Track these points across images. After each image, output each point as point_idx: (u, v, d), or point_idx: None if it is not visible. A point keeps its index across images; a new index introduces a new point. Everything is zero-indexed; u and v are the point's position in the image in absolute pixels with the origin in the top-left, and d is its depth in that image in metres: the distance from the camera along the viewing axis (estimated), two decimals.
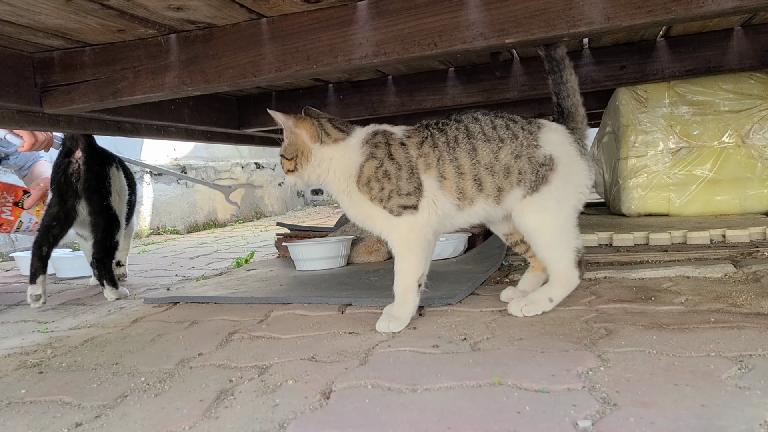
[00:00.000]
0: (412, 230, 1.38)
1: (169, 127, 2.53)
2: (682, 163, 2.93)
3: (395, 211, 1.38)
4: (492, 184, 1.39)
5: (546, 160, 1.38)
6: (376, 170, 1.39)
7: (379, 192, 1.38)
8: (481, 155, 1.39)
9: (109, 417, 0.98)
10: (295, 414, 0.93)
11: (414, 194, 1.38)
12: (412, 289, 1.40)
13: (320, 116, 1.48)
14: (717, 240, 2.13)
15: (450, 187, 1.39)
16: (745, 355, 1.03)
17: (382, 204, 1.38)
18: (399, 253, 1.41)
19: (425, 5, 1.45)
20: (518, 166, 1.39)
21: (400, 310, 1.40)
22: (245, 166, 6.54)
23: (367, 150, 1.41)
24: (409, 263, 1.40)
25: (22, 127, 1.84)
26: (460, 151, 1.39)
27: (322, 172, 1.45)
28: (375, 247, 2.36)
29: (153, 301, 1.95)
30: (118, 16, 1.46)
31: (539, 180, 1.38)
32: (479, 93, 2.62)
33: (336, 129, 1.45)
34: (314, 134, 1.43)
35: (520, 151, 1.39)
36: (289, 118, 1.44)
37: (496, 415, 0.87)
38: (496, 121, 1.43)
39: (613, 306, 1.42)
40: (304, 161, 1.44)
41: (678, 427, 0.79)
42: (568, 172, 1.40)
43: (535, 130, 1.41)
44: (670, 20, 1.34)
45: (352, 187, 1.42)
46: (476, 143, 1.40)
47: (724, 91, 2.87)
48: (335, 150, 1.43)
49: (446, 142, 1.40)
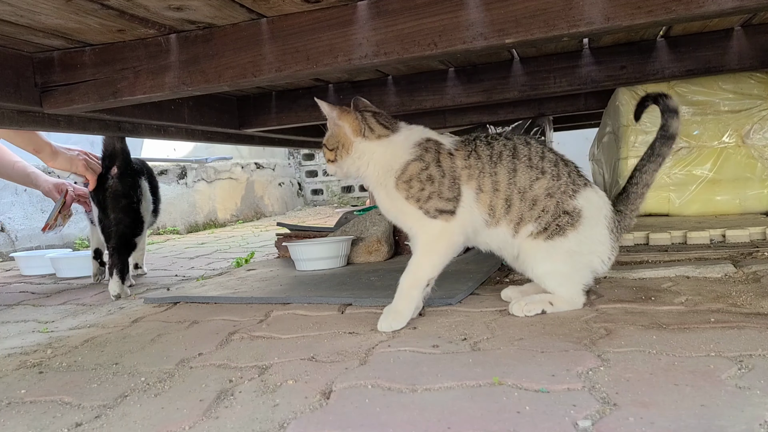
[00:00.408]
0: (443, 234, 1.39)
1: (169, 127, 2.53)
2: (682, 163, 2.93)
3: (431, 213, 1.39)
4: (517, 209, 1.40)
5: (573, 211, 1.39)
6: (420, 172, 1.39)
7: (418, 192, 1.39)
8: (519, 177, 1.40)
9: (109, 417, 0.98)
10: (295, 414, 0.93)
11: (453, 201, 1.39)
12: (419, 286, 1.41)
13: (367, 109, 1.48)
14: (717, 240, 2.13)
15: (484, 201, 1.40)
16: (745, 355, 1.03)
17: (418, 204, 1.39)
18: (422, 250, 1.42)
19: (425, 5, 1.45)
20: (545, 203, 1.40)
21: (402, 304, 1.40)
22: (245, 166, 6.54)
23: (416, 151, 1.42)
24: (429, 261, 1.41)
25: (22, 127, 1.84)
26: (500, 167, 1.41)
27: (361, 164, 1.45)
28: (375, 247, 2.36)
29: (153, 301, 1.95)
30: (118, 16, 1.46)
31: (556, 228, 1.39)
32: (479, 93, 2.62)
33: (380, 125, 1.45)
34: (357, 128, 1.44)
35: (554, 191, 1.40)
36: (334, 109, 1.44)
37: (496, 415, 0.87)
38: (547, 153, 1.44)
39: (613, 306, 1.42)
40: (344, 153, 1.44)
41: (678, 427, 0.79)
42: (588, 236, 1.40)
43: (580, 183, 1.43)
44: (670, 20, 1.34)
45: (390, 182, 1.42)
46: (518, 165, 1.41)
47: (724, 91, 2.87)
48: (378, 145, 1.43)
49: (490, 156, 1.42)
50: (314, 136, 3.69)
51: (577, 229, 1.39)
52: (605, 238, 1.43)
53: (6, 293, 2.45)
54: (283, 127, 2.85)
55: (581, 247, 1.41)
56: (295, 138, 3.60)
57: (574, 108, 3.41)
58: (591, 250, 1.42)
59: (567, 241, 1.39)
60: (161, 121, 2.23)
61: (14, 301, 2.22)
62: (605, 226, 1.43)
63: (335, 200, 8.07)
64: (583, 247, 1.41)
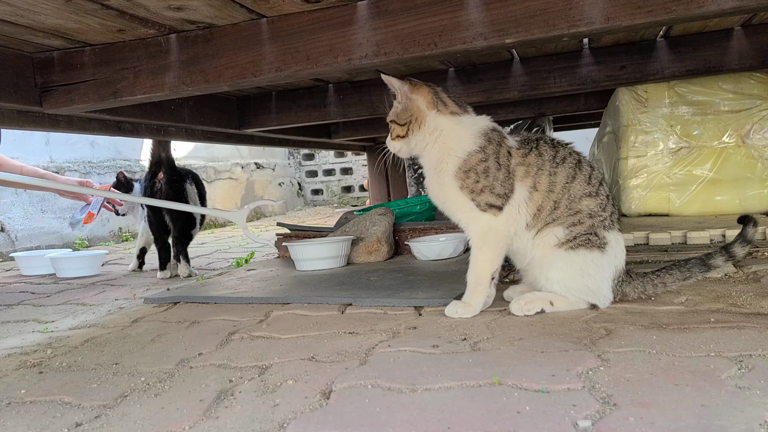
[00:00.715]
0: (491, 229, 1.40)
1: (169, 127, 2.53)
2: (682, 163, 2.93)
3: (482, 207, 1.39)
4: (561, 214, 1.40)
5: (603, 238, 1.39)
6: (479, 163, 1.40)
7: (473, 184, 1.39)
8: (575, 186, 1.40)
9: (109, 417, 0.98)
10: (295, 414, 0.93)
11: (503, 198, 1.40)
12: (484, 281, 1.43)
13: (433, 86, 1.48)
14: (717, 240, 2.13)
15: (536, 199, 1.40)
16: (745, 355, 1.03)
17: (471, 195, 1.39)
18: (476, 246, 1.43)
19: (425, 5, 1.45)
20: (584, 215, 1.40)
21: (471, 298, 1.43)
22: (245, 166, 6.54)
23: (480, 141, 1.41)
24: (485, 256, 1.42)
25: (22, 127, 1.84)
26: (561, 169, 1.41)
27: (429, 141, 1.43)
28: (375, 247, 2.36)
29: (153, 300, 1.95)
30: (118, 16, 1.46)
31: (585, 240, 1.38)
32: (479, 93, 2.62)
33: (452, 101, 1.45)
34: (431, 101, 1.43)
35: (596, 214, 1.40)
36: (405, 83, 1.44)
37: (496, 415, 0.87)
38: (604, 184, 1.45)
39: (612, 306, 1.42)
40: (417, 128, 1.43)
41: (678, 427, 0.79)
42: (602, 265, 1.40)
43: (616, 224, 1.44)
44: (670, 20, 1.34)
45: (447, 168, 1.41)
46: (578, 175, 1.41)
47: (724, 91, 2.87)
48: (449, 122, 1.43)
49: (553, 157, 1.42)
50: (314, 136, 3.69)
51: (593, 250, 1.39)
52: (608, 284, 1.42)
53: (6, 293, 2.45)
54: (283, 127, 2.86)
55: (597, 271, 1.40)
56: (295, 138, 3.60)
57: (574, 108, 3.41)
58: (603, 278, 1.41)
59: (589, 254, 1.38)
60: (161, 121, 2.23)
61: (14, 301, 2.22)
62: (612, 275, 1.41)
63: (335, 200, 8.07)
64: (598, 271, 1.40)
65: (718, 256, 1.44)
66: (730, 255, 1.43)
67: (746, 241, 1.44)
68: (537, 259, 1.43)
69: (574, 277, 1.40)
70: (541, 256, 1.42)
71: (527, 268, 1.49)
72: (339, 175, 8.13)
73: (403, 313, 1.52)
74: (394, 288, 1.75)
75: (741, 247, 1.43)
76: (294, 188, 7.86)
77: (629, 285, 1.44)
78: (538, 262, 1.43)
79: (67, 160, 4.68)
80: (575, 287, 1.40)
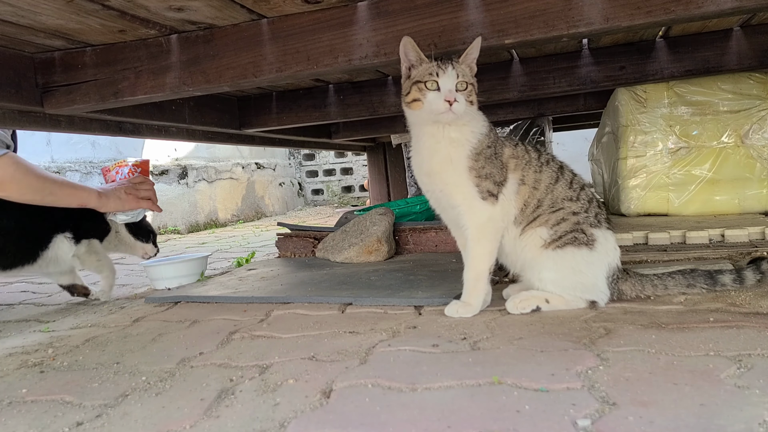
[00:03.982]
0: (490, 220, 1.42)
1: (170, 128, 2.53)
2: (681, 163, 2.93)
3: (482, 193, 1.40)
4: (544, 212, 1.42)
5: (590, 235, 1.41)
6: (487, 148, 1.42)
7: (480, 168, 1.40)
8: (558, 188, 1.44)
9: (110, 416, 0.99)
10: (296, 413, 0.93)
11: (499, 186, 1.42)
12: (483, 277, 1.44)
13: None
14: (716, 240, 2.14)
15: (523, 194, 1.43)
16: (744, 354, 1.03)
17: (477, 180, 1.40)
18: (475, 238, 1.43)
19: (425, 6, 1.45)
20: (568, 212, 1.42)
21: (471, 297, 1.44)
22: (246, 166, 6.54)
23: (488, 127, 1.45)
24: (484, 249, 1.43)
25: (23, 127, 1.85)
26: (546, 170, 1.45)
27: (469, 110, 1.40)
28: (375, 247, 2.36)
29: (154, 300, 1.95)
30: (119, 16, 1.46)
31: (572, 239, 1.40)
32: (479, 93, 2.62)
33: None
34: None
35: (579, 212, 1.42)
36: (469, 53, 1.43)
37: (496, 414, 0.87)
38: (586, 188, 1.48)
39: (612, 305, 1.43)
40: (473, 93, 1.42)
41: (677, 426, 0.79)
42: (593, 262, 1.41)
43: (603, 223, 1.45)
44: (670, 21, 1.34)
45: (460, 147, 1.40)
46: (561, 179, 1.45)
47: (723, 92, 2.87)
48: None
49: (538, 157, 1.47)
50: (315, 136, 3.69)
51: (582, 248, 1.40)
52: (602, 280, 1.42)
53: (7, 293, 2.45)
54: (283, 127, 2.86)
55: (588, 268, 1.41)
56: (296, 138, 3.60)
57: (573, 108, 3.42)
58: (595, 274, 1.42)
59: (578, 251, 1.39)
60: (162, 121, 2.24)
61: (15, 301, 2.22)
62: (605, 272, 1.42)
63: (335, 200, 8.07)
64: (590, 268, 1.41)
65: (728, 274, 1.45)
66: (741, 279, 1.44)
67: (760, 272, 1.45)
68: (528, 261, 1.45)
69: (566, 276, 1.41)
70: (531, 258, 1.44)
71: (521, 272, 1.51)
72: (339, 175, 8.14)
73: (403, 312, 1.52)
74: (395, 287, 1.75)
75: (753, 274, 1.45)
76: (294, 188, 7.86)
77: (626, 283, 1.45)
78: (529, 264, 1.45)
79: (68, 160, 4.68)
80: (569, 285, 1.41)
